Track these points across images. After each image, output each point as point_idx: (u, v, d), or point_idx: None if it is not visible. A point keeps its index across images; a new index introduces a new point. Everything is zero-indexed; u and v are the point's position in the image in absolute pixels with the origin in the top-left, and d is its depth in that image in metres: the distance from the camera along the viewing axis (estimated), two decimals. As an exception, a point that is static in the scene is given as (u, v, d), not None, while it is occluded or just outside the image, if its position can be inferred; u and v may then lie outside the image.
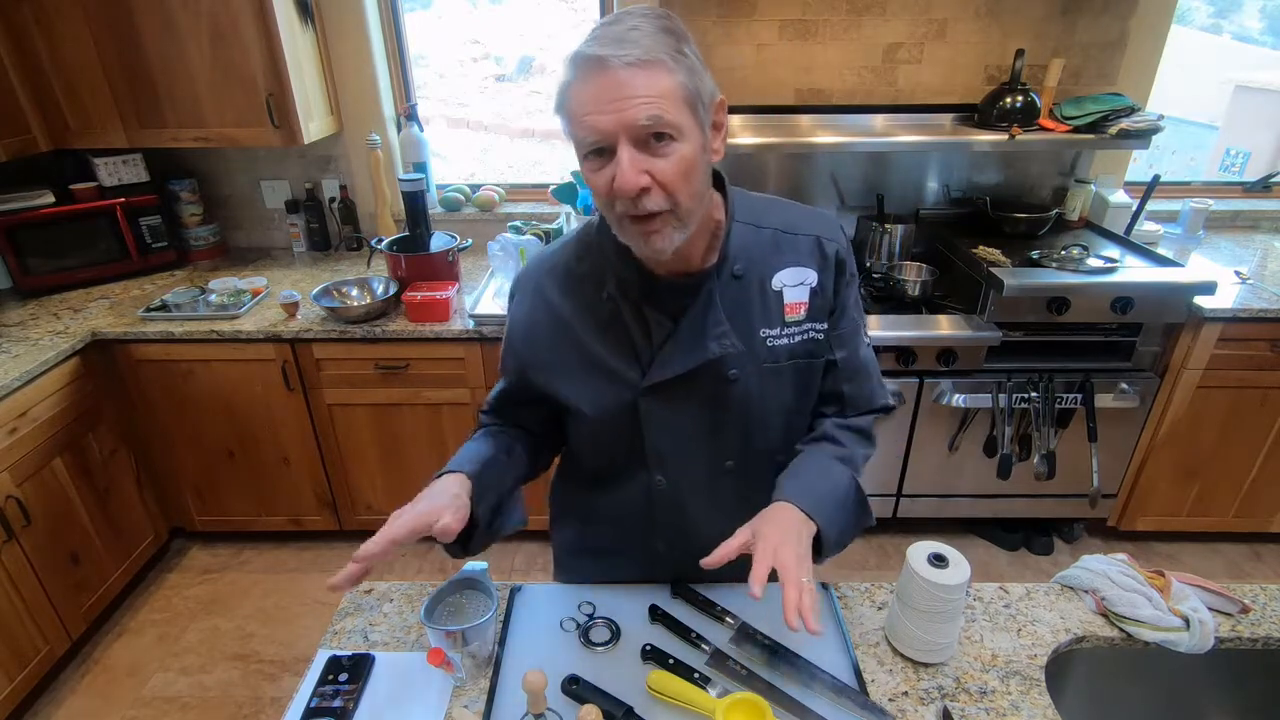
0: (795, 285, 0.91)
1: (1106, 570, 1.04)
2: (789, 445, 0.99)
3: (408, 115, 2.48)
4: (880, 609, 1.04)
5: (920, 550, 0.93)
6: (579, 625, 1.00)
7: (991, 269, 2.06)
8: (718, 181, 0.90)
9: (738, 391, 0.91)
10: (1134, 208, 2.35)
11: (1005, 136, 2.15)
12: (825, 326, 0.94)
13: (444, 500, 0.83)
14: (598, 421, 0.93)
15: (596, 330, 0.91)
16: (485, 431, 1.01)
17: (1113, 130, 2.14)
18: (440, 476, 0.89)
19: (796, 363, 0.93)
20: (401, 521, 0.79)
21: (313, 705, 0.90)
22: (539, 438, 1.04)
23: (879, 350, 2.09)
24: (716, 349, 0.87)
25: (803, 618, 0.74)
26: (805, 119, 2.35)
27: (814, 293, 0.92)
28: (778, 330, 0.91)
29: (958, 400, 2.14)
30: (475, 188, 2.67)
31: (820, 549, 0.87)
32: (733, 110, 2.29)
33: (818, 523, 0.86)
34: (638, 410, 0.91)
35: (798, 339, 0.92)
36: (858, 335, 0.98)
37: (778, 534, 0.81)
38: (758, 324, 0.90)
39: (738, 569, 1.09)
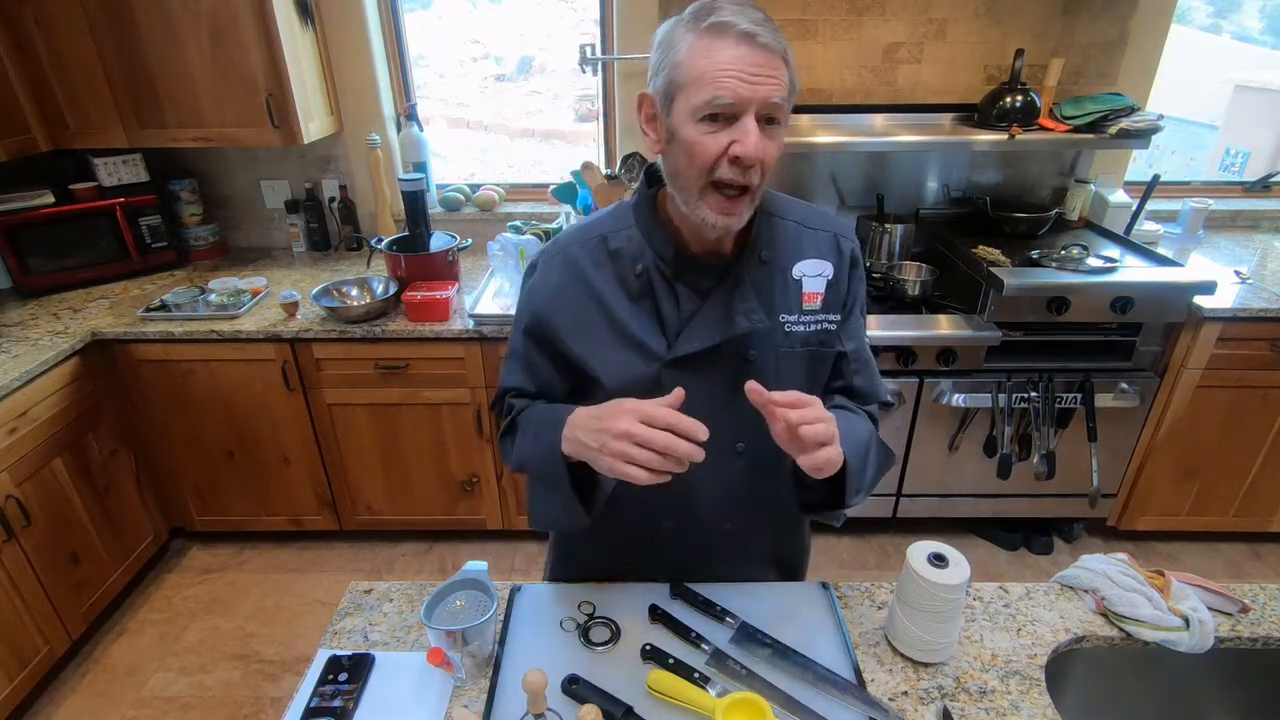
0: (814, 276, 0.95)
1: (1106, 570, 1.04)
2: None
3: (408, 115, 2.48)
4: (880, 609, 1.04)
5: (920, 550, 0.93)
6: (579, 625, 1.00)
7: (991, 269, 2.06)
8: None
9: (755, 373, 0.93)
10: (1134, 207, 2.35)
11: (1005, 136, 2.16)
12: (837, 318, 0.97)
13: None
14: (619, 391, 0.93)
15: (626, 302, 0.93)
16: (538, 406, 0.99)
17: (1112, 130, 2.14)
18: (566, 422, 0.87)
19: (810, 350, 0.97)
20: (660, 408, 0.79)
21: (313, 705, 0.90)
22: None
23: (878, 350, 2.10)
24: (745, 324, 0.90)
25: (799, 432, 0.76)
26: (805, 119, 2.35)
27: (830, 285, 0.96)
28: (796, 317, 0.95)
29: (958, 400, 2.14)
30: (475, 188, 2.67)
31: (844, 487, 0.88)
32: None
33: (844, 450, 0.84)
34: (659, 382, 0.93)
35: (813, 327, 0.96)
36: (863, 330, 1.04)
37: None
38: (779, 308, 0.94)
39: (737, 569, 1.09)
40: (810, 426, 0.77)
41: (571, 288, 0.95)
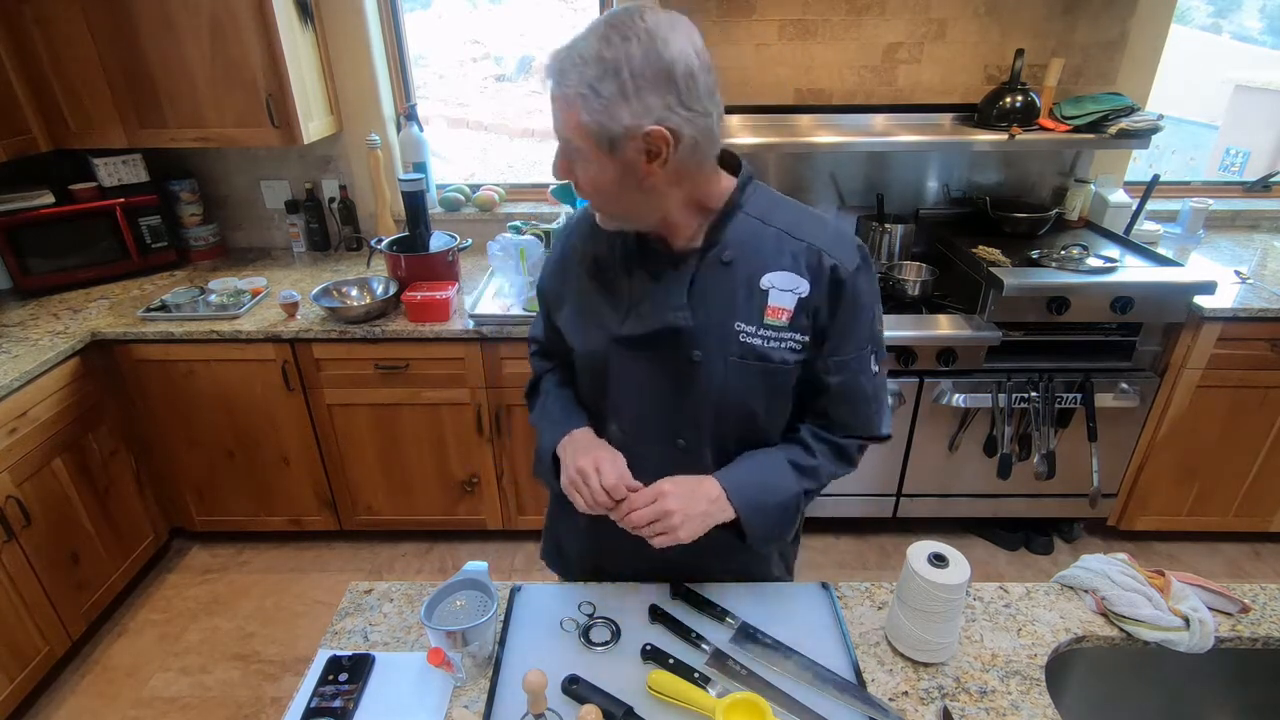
0: (785, 290, 0.90)
1: (1106, 570, 1.04)
2: (747, 446, 0.98)
3: (407, 115, 2.48)
4: (880, 609, 1.04)
5: (920, 550, 0.93)
6: (579, 625, 1.00)
7: (991, 269, 2.06)
8: (733, 168, 0.93)
9: (701, 375, 0.93)
10: (1134, 207, 2.35)
11: (1005, 136, 2.15)
12: (805, 340, 0.92)
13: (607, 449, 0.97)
14: (581, 358, 1.02)
15: (598, 276, 0.98)
16: (561, 388, 1.10)
17: (1112, 130, 2.14)
18: (568, 434, 1.01)
19: (767, 365, 0.92)
20: (615, 472, 0.93)
21: (313, 705, 0.90)
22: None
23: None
24: (671, 319, 0.91)
25: (633, 520, 0.89)
26: (805, 119, 2.35)
27: (801, 303, 0.90)
28: (754, 328, 0.91)
29: (958, 400, 2.14)
30: (475, 188, 2.67)
31: (742, 536, 0.95)
32: (732, 110, 2.29)
33: (738, 509, 0.92)
34: (607, 357, 0.97)
35: (773, 343, 0.91)
36: (863, 365, 0.96)
37: (672, 485, 0.91)
38: (735, 316, 0.91)
39: (738, 567, 1.09)
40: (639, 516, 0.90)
41: (564, 260, 1.04)
